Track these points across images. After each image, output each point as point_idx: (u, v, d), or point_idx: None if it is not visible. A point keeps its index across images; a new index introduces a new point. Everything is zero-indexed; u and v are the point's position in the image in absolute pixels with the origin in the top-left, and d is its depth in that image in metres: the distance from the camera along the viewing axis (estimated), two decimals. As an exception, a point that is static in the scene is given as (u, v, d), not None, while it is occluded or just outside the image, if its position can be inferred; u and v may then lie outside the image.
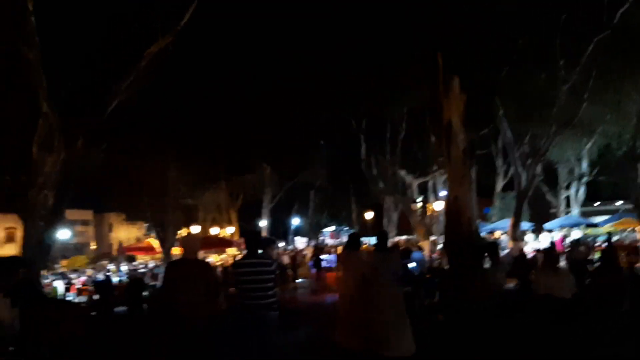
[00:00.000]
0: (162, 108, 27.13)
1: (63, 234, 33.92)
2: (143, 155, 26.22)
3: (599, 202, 49.76)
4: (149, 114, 25.68)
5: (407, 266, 10.25)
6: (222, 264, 23.34)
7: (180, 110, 29.00)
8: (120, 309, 16.01)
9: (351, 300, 6.29)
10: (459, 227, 8.75)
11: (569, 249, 20.63)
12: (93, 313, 16.58)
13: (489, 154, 37.77)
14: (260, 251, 5.71)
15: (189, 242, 5.86)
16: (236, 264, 5.93)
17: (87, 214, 61.39)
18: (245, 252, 5.90)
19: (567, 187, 38.58)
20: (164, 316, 5.40)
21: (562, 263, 18.90)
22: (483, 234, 26.13)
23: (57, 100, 15.03)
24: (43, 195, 14.62)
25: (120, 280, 20.71)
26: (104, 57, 15.94)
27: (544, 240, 24.54)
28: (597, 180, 37.94)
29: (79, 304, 8.49)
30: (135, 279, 16.26)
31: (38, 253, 16.49)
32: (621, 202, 50.24)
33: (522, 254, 19.57)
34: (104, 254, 51.81)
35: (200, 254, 32.08)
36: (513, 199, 38.00)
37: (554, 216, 39.39)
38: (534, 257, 19.36)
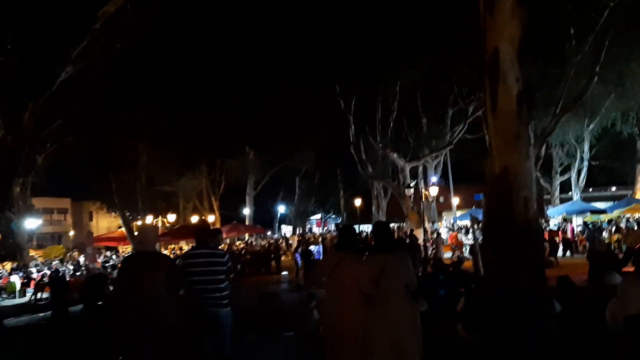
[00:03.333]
0: (136, 86, 24.90)
1: (30, 223, 31.50)
2: (111, 136, 23.91)
3: (591, 189, 48.31)
4: (122, 92, 23.49)
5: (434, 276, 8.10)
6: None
7: (158, 89, 26.79)
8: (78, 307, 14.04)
9: (343, 330, 4.20)
10: (510, 212, 6.01)
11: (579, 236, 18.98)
12: (48, 312, 14.69)
13: (482, 138, 36.02)
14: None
15: (143, 234, 5.51)
16: (186, 254, 5.72)
17: (65, 202, 58.67)
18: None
19: (562, 173, 36.99)
20: (120, 316, 4.82)
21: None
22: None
23: (-5, 67, 12.90)
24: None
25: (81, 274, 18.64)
26: (52, 17, 13.64)
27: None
28: (590, 166, 36.46)
29: None
30: (94, 274, 14.15)
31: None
32: (614, 188, 48.97)
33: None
34: (81, 243, 49.52)
35: (181, 243, 30.41)
36: (509, 184, 36.53)
37: (548, 203, 37.88)
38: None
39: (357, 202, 43.12)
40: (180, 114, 28.67)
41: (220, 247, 6.04)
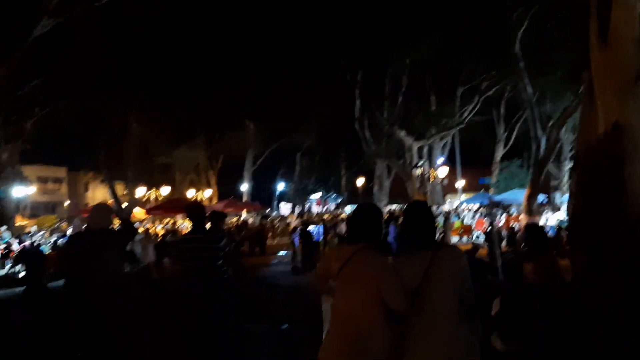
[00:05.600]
0: (129, 48, 23.39)
1: (19, 191, 30.29)
2: (101, 101, 22.49)
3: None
4: (113, 53, 22.02)
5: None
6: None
7: (152, 53, 25.29)
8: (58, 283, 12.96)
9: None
10: (620, 193, 4.09)
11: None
12: (22, 288, 13.60)
13: (490, 120, 34.92)
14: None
15: (94, 213, 5.13)
16: (182, 239, 5.88)
17: (60, 171, 57.50)
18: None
19: (572, 158, 35.63)
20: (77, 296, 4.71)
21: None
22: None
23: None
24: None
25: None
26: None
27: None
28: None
29: None
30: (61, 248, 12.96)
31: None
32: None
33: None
34: (75, 213, 48.53)
35: (177, 218, 29.18)
36: (518, 167, 35.35)
37: (556, 189, 36.57)
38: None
39: (359, 181, 41.96)
40: (177, 82, 27.22)
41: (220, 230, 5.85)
